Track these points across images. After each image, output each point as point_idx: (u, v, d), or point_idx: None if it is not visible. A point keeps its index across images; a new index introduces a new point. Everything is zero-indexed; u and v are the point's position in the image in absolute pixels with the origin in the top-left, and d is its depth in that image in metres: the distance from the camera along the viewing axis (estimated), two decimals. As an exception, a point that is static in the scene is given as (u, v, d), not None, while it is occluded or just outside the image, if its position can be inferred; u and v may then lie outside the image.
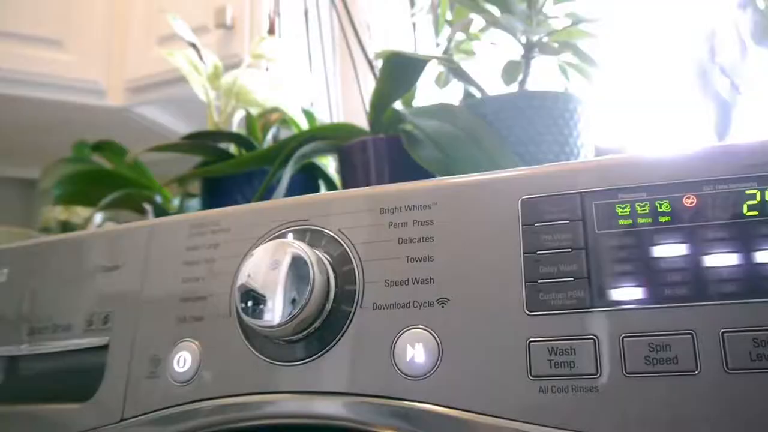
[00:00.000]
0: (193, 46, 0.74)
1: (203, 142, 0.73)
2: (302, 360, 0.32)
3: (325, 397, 0.31)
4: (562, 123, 0.56)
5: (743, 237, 0.27)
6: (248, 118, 0.76)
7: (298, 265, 0.31)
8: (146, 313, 0.37)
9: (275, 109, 0.76)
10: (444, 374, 0.29)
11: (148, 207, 0.75)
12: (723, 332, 0.26)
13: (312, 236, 0.34)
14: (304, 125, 0.76)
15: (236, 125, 0.78)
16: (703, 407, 0.26)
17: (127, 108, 1.22)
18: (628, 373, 0.27)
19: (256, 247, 0.34)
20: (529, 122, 0.55)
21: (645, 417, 0.27)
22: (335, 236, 0.33)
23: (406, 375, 0.30)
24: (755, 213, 0.28)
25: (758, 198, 0.28)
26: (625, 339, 0.27)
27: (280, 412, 0.32)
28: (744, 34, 0.81)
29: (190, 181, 0.74)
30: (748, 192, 0.28)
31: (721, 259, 0.27)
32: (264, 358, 0.33)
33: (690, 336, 0.27)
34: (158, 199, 0.77)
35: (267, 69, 0.87)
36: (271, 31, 1.00)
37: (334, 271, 0.32)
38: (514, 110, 0.56)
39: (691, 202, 0.28)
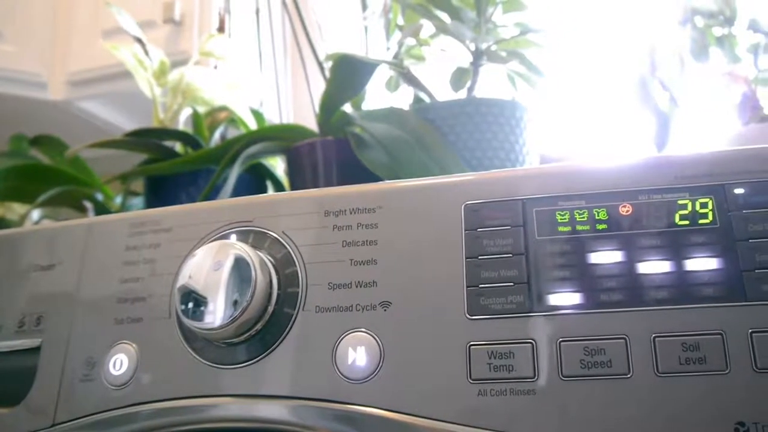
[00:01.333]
0: (139, 41, 0.73)
1: (148, 140, 0.71)
2: (243, 363, 0.32)
3: (267, 400, 0.31)
4: (508, 130, 0.57)
5: (675, 245, 0.28)
6: (195, 117, 0.74)
7: (240, 266, 0.31)
8: (82, 314, 0.36)
9: (223, 108, 0.74)
10: (385, 377, 0.29)
11: (88, 205, 0.73)
12: (654, 337, 0.27)
13: (255, 238, 0.33)
14: (253, 125, 0.75)
15: (182, 123, 0.76)
16: (636, 409, 0.27)
17: (69, 102, 1.18)
18: (564, 377, 0.28)
19: (198, 247, 0.33)
20: (477, 128, 0.56)
21: (580, 419, 0.27)
22: (279, 238, 0.33)
23: (348, 378, 0.30)
24: (686, 222, 0.29)
25: (689, 208, 0.29)
26: (562, 343, 0.28)
27: (222, 416, 0.32)
28: (683, 51, 0.84)
29: (134, 179, 0.72)
30: (680, 202, 0.29)
31: (654, 266, 0.28)
32: (204, 360, 0.32)
33: (623, 340, 0.28)
34: (99, 197, 0.74)
35: (216, 67, 0.85)
36: (221, 29, 0.98)
37: (277, 273, 0.32)
38: (462, 116, 0.57)
39: (627, 211, 0.29)
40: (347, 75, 0.56)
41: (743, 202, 0.29)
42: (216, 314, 0.30)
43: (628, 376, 0.27)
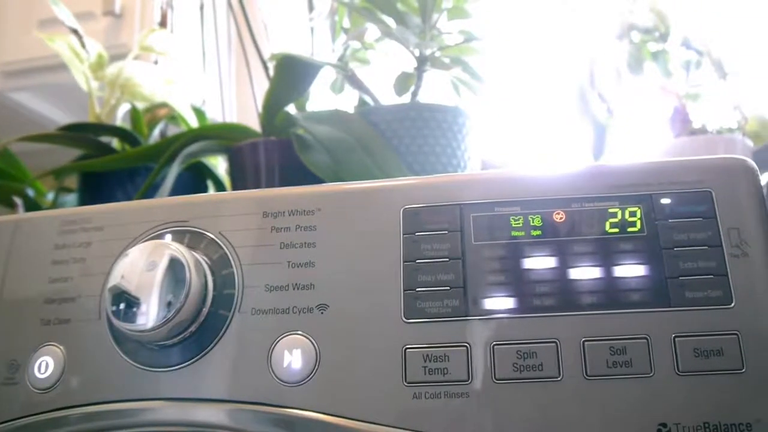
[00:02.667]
0: (75, 32, 0.70)
1: (83, 135, 0.69)
2: (177, 365, 0.31)
3: (204, 404, 0.30)
4: (450, 136, 0.58)
5: (605, 252, 0.29)
6: (133, 112, 0.72)
7: (175, 267, 0.30)
8: (5, 314, 0.34)
9: (163, 105, 0.73)
10: (321, 380, 0.29)
11: (18, 201, 0.70)
12: (584, 341, 0.28)
13: (191, 238, 0.33)
14: (194, 123, 0.73)
15: (120, 119, 0.74)
16: (566, 412, 0.28)
17: (1, 93, 1.13)
18: (497, 380, 0.28)
19: (131, 247, 0.32)
20: (419, 133, 0.57)
21: (513, 421, 0.28)
22: (216, 239, 0.32)
23: (283, 381, 0.29)
24: (616, 230, 0.30)
25: (619, 216, 0.30)
26: (495, 346, 0.28)
27: (157, 420, 0.31)
28: (620, 64, 0.87)
29: (67, 175, 0.69)
30: (610, 210, 0.30)
31: (585, 273, 0.29)
32: (135, 363, 0.31)
33: (554, 344, 0.28)
34: (30, 192, 0.71)
35: (156, 62, 0.83)
36: (163, 24, 0.96)
37: (213, 275, 0.31)
38: (406, 121, 0.57)
39: (561, 218, 0.30)
40: (291, 75, 0.56)
41: (669, 211, 0.30)
42: (149, 315, 0.29)
43: (558, 379, 0.28)
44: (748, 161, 0.31)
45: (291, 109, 0.62)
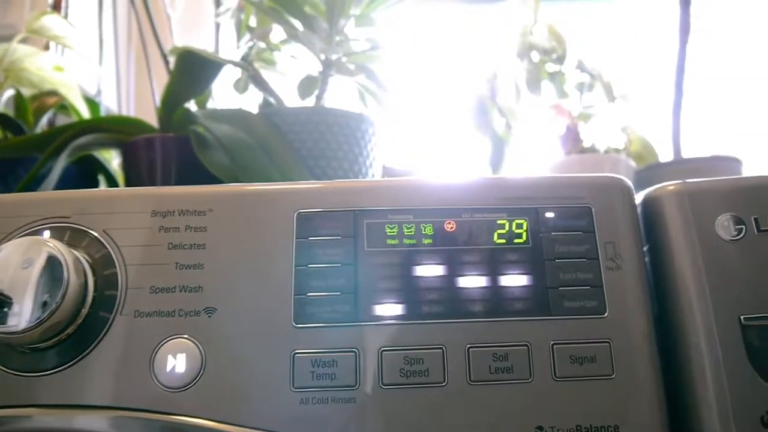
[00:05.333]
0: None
1: (-41, 120, 0.64)
2: (52, 370, 0.29)
3: (84, 411, 0.29)
4: (353, 141, 0.58)
5: (492, 262, 0.30)
6: (18, 98, 0.68)
7: (53, 265, 0.28)
8: None
9: (53, 93, 0.69)
10: (206, 386, 0.28)
11: None
12: (469, 347, 0.29)
13: (72, 235, 0.31)
14: (86, 114, 0.70)
15: (2, 105, 0.69)
16: (450, 416, 0.29)
17: None
18: (384, 385, 0.28)
19: (5, 242, 0.30)
20: (322, 138, 0.56)
21: (399, 426, 0.28)
22: (99, 237, 0.31)
23: (166, 387, 0.28)
24: (503, 241, 0.31)
25: (507, 228, 0.31)
26: (384, 352, 0.29)
27: (33, 428, 0.29)
28: (519, 81, 0.91)
29: (-60, 163, 0.64)
30: (499, 222, 0.31)
31: (472, 281, 0.30)
32: (6, 368, 0.29)
33: (441, 350, 0.29)
34: None
35: (47, 48, 0.79)
36: (56, 7, 0.91)
37: (94, 274, 0.30)
38: (309, 124, 0.57)
39: (452, 227, 0.31)
40: (192, 71, 0.54)
41: (552, 224, 0.31)
42: (21, 316, 0.27)
43: (444, 384, 0.29)
44: (624, 180, 0.33)
45: (191, 106, 0.60)
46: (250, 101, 0.69)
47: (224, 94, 0.70)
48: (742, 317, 0.30)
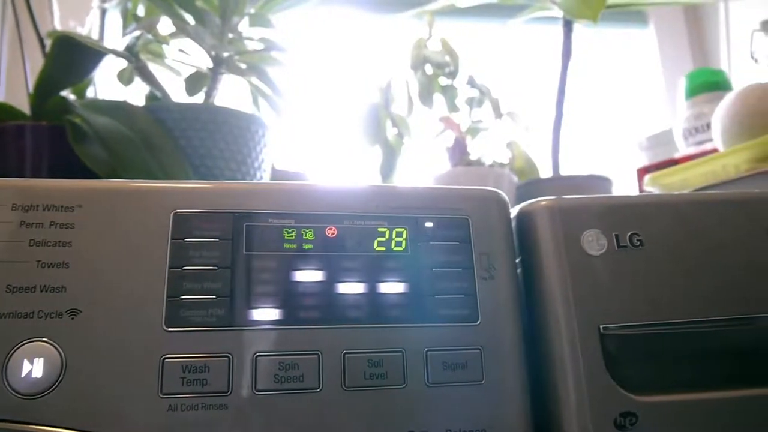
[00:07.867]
0: None
1: None
2: None
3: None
4: (242, 142, 0.57)
5: (371, 269, 0.31)
6: None
7: None
8: None
9: None
10: (66, 392, 0.27)
11: None
12: (345, 353, 0.29)
13: None
14: (-52, 96, 0.64)
15: None
16: (324, 422, 0.29)
17: None
18: (257, 391, 0.28)
19: None
20: (210, 136, 0.55)
21: (273, 432, 0.28)
22: (-51, 230, 0.28)
23: (20, 393, 0.26)
24: (383, 249, 0.31)
25: (387, 236, 0.32)
26: (258, 357, 0.28)
27: None
28: (413, 92, 0.93)
29: None
30: (379, 229, 0.32)
31: (351, 288, 0.30)
32: None
33: (317, 356, 0.29)
34: None
35: None
36: None
37: (-60, 272, 0.27)
38: (196, 122, 0.55)
39: (333, 233, 0.31)
40: (70, 58, 0.51)
41: (431, 234, 0.32)
42: None
43: (318, 390, 0.29)
44: (501, 194, 0.34)
45: (69, 94, 0.57)
46: (137, 94, 0.66)
47: (109, 84, 0.66)
48: (601, 326, 0.32)
